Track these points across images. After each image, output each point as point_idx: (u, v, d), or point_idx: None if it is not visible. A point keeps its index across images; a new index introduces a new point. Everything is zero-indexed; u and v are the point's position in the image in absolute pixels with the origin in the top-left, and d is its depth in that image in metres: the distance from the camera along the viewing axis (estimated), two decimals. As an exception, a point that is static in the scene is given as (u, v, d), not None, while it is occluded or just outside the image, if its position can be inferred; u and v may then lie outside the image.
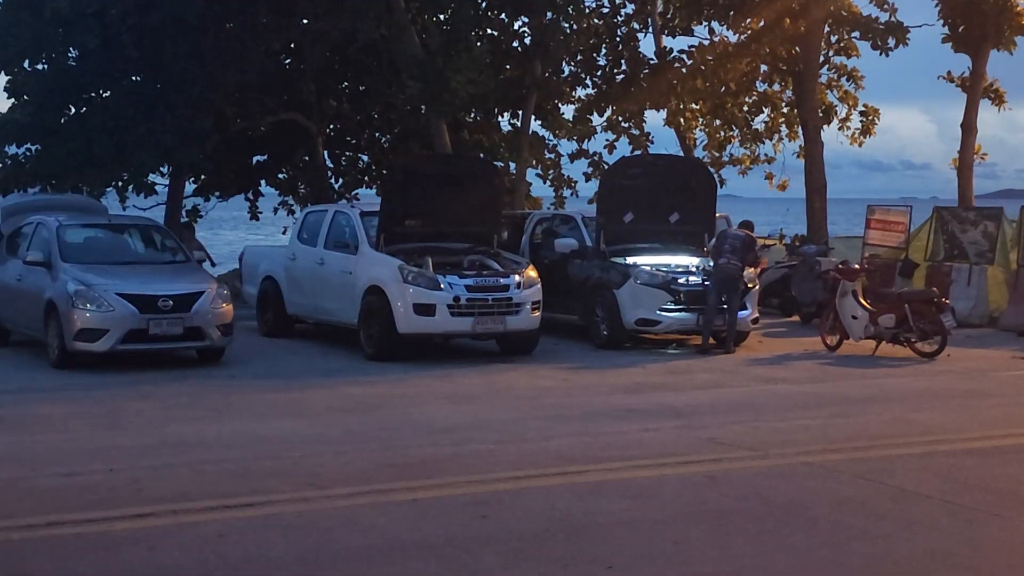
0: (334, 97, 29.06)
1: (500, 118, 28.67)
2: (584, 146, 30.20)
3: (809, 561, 7.22)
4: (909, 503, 8.61)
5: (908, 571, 7.04)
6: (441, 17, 26.86)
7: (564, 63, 27.96)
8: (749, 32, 27.72)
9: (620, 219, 18.97)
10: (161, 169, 26.25)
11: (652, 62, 29.02)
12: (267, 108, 27.28)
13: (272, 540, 7.56)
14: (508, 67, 27.21)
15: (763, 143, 31.39)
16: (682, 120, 30.25)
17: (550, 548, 7.44)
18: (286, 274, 18.86)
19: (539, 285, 16.89)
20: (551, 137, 29.95)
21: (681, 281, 17.77)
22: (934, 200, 35.02)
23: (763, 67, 28.76)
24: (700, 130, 31.37)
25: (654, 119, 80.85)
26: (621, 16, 29.23)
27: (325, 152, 29.20)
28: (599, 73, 29.32)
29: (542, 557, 7.26)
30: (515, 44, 27.45)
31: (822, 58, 27.80)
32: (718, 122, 30.86)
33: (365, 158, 30.90)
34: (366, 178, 30.69)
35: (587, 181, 30.25)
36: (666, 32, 29.47)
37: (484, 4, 26.54)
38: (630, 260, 18.15)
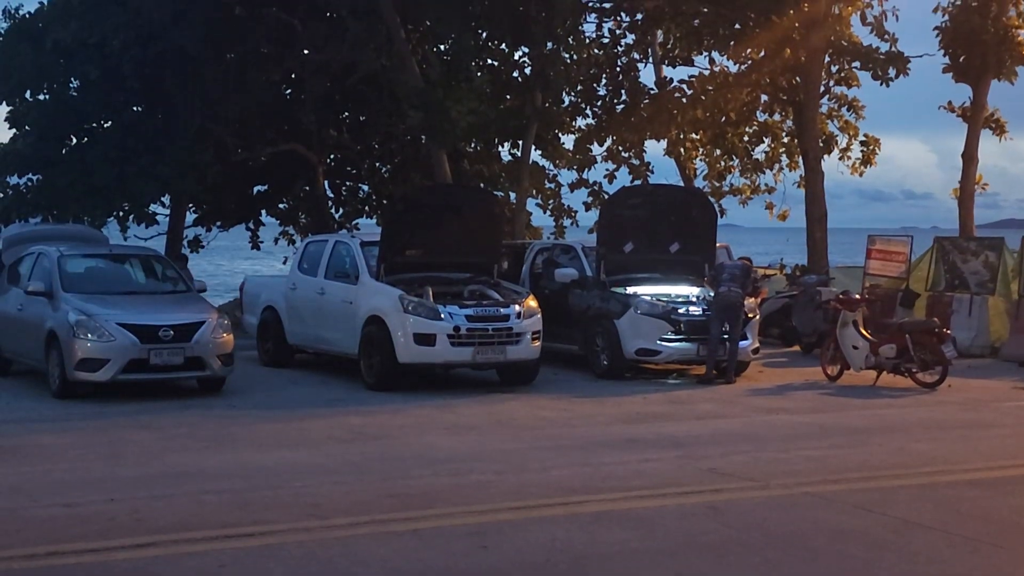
0: (334, 127, 29.17)
1: (500, 148, 28.75)
2: (584, 176, 30.31)
3: (811, 592, 7.20)
4: (910, 534, 8.59)
5: (910, 602, 7.03)
6: (441, 47, 27.02)
7: (564, 93, 28.02)
8: (749, 62, 27.79)
9: (620, 249, 18.97)
10: (162, 199, 26.35)
11: (652, 92, 29.12)
12: (267, 138, 27.39)
13: (272, 571, 7.54)
14: (508, 97, 27.32)
15: (763, 173, 31.45)
16: (682, 150, 30.33)
17: (551, 579, 7.43)
18: (286, 304, 18.87)
19: (539, 315, 16.89)
20: (551, 167, 30.06)
21: (681, 311, 17.77)
22: (935, 230, 35.15)
23: (763, 97, 28.82)
24: (700, 160, 31.43)
25: (654, 149, 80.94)
26: (621, 46, 29.32)
27: (325, 182, 29.30)
28: (599, 103, 29.40)
29: (543, 588, 7.24)
30: (515, 74, 27.56)
31: (823, 88, 27.84)
32: (718, 152, 30.91)
33: (365, 188, 30.99)
34: (366, 208, 30.77)
35: (587, 211, 30.33)
36: (666, 62, 29.59)
37: (484, 34, 26.66)
38: (630, 290, 18.16)
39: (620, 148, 30.27)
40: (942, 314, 20.75)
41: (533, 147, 27.30)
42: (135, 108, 25.72)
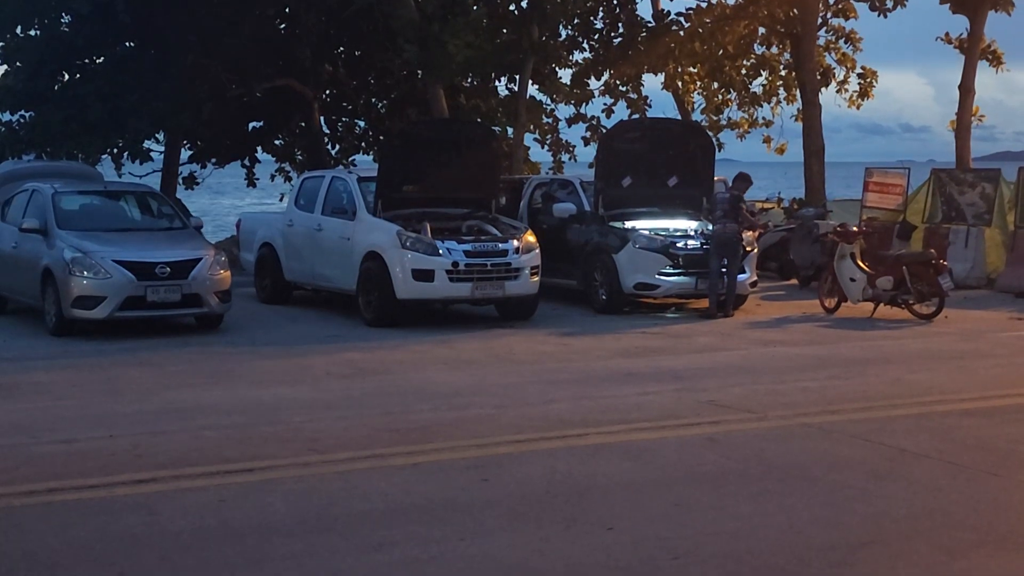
0: (330, 63, 28.96)
1: (497, 83, 28.58)
2: (582, 110, 30.17)
3: (808, 521, 7.23)
4: (907, 463, 8.63)
5: (907, 530, 7.06)
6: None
7: (561, 27, 27.81)
8: (747, -7, 27.60)
9: (618, 183, 18.91)
10: (157, 136, 26.20)
11: (650, 25, 28.90)
12: (262, 74, 27.17)
13: (272, 505, 7.57)
14: (505, 31, 27.07)
15: (761, 106, 31.39)
16: (680, 84, 30.18)
17: (551, 510, 7.46)
18: (284, 241, 18.82)
19: (538, 250, 16.87)
20: (548, 101, 29.90)
21: (680, 245, 17.74)
22: (932, 163, 35.03)
23: (761, 30, 28.65)
24: (698, 93, 31.32)
25: (652, 83, 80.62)
26: (618, -22, 29.07)
27: (321, 118, 29.13)
28: (596, 37, 29.19)
29: (543, 519, 7.28)
30: (512, 8, 27.31)
31: (820, 20, 27.70)
32: (716, 85, 30.79)
33: (362, 124, 30.85)
34: (363, 144, 30.64)
35: (585, 145, 30.25)
36: (663, -6, 29.34)
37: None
38: (629, 224, 18.11)
39: (618, 82, 30.13)
40: (939, 246, 20.76)
41: (530, 82, 27.14)
42: (128, 44, 25.50)
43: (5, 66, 24.96)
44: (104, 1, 23.44)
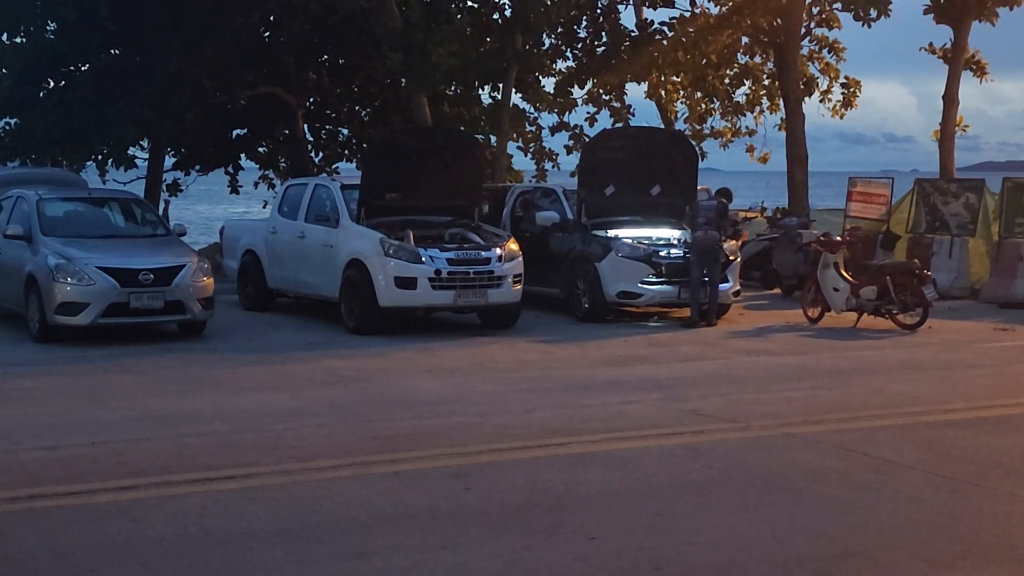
0: (314, 70, 28.96)
1: (480, 91, 28.57)
2: (565, 119, 30.18)
3: (791, 531, 7.23)
4: (891, 474, 8.64)
5: (890, 541, 7.07)
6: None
7: (545, 35, 27.83)
8: (731, 4, 27.65)
9: (601, 192, 18.93)
10: (141, 143, 26.16)
11: (633, 34, 28.94)
12: (246, 81, 27.16)
13: (254, 513, 7.55)
14: (488, 40, 27.07)
15: (744, 116, 31.40)
16: (663, 93, 30.20)
17: (533, 519, 7.45)
18: (267, 248, 18.79)
19: (520, 258, 16.87)
20: (532, 110, 29.91)
21: (662, 254, 17.76)
22: (915, 172, 35.19)
23: (744, 39, 28.69)
24: (681, 103, 31.33)
25: (635, 92, 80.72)
26: (602, -12, 29.10)
27: (305, 126, 29.12)
28: (580, 46, 29.22)
29: (525, 528, 7.27)
30: (495, 16, 27.32)
31: (804, 30, 27.76)
32: (699, 95, 30.81)
33: (345, 132, 30.84)
34: (346, 152, 30.63)
35: (568, 154, 30.24)
36: (647, 4, 29.36)
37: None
38: (611, 233, 18.13)
39: (601, 91, 30.15)
40: (923, 256, 20.82)
41: (513, 90, 27.13)
42: (112, 51, 25.45)
43: (-10, 74, 24.91)
44: (89, 8, 23.40)
